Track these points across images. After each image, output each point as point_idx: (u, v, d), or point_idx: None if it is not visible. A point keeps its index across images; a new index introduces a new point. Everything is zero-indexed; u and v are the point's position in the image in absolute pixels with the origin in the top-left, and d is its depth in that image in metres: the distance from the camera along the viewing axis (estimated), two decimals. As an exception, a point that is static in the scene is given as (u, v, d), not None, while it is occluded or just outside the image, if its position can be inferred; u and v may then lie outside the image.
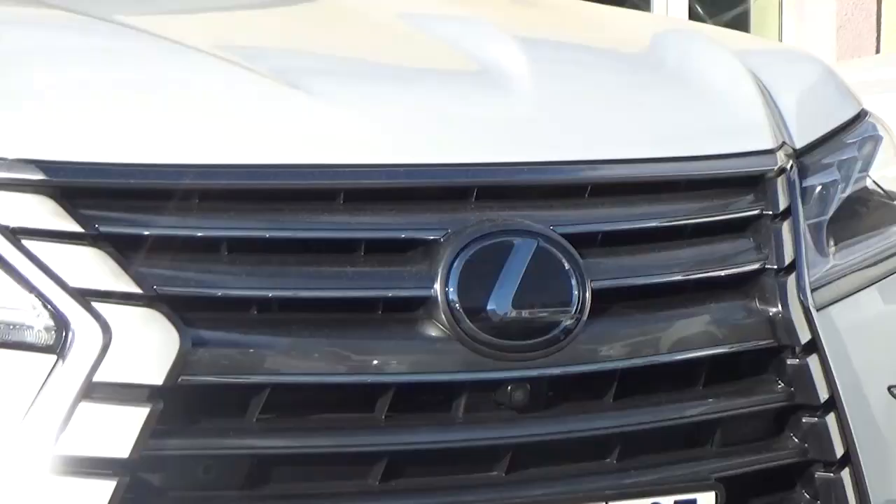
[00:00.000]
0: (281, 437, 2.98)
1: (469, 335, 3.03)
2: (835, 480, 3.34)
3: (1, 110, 2.97)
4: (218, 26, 3.80)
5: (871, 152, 3.70)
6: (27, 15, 3.55)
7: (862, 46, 9.33)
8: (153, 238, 2.94)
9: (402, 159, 3.15)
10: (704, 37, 4.12)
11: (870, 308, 3.53)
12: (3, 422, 2.81)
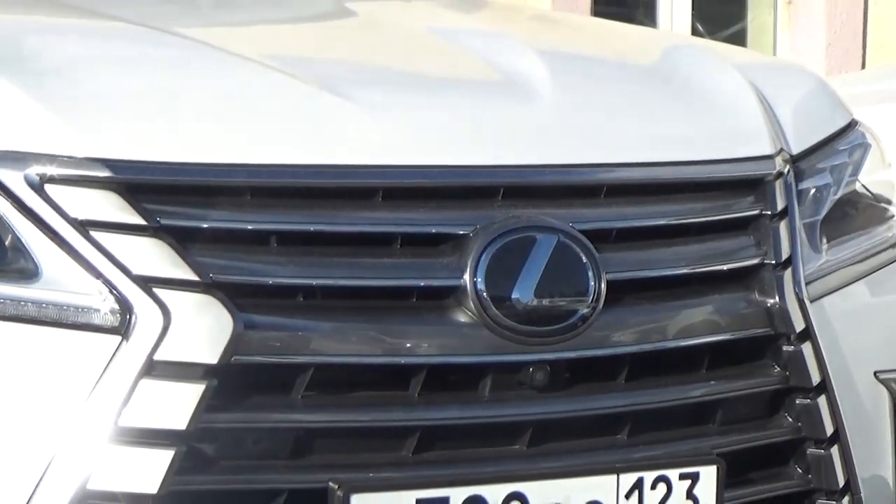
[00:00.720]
0: (323, 413, 2.98)
1: (495, 321, 3.02)
2: (825, 456, 3.33)
3: (71, 113, 2.96)
4: (266, 38, 3.81)
5: (861, 158, 3.69)
6: (95, 27, 3.55)
7: (849, 62, 9.33)
8: (209, 230, 2.93)
9: (435, 161, 3.14)
10: (710, 51, 4.12)
11: (858, 300, 3.53)
12: (73, 396, 2.81)
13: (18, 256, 2.86)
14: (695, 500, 3.15)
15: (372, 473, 2.96)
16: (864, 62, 9.52)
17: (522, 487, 3.01)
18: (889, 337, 3.59)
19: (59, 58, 3.21)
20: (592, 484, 3.08)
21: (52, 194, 2.87)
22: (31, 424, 2.82)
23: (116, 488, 2.80)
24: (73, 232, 2.85)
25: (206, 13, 3.95)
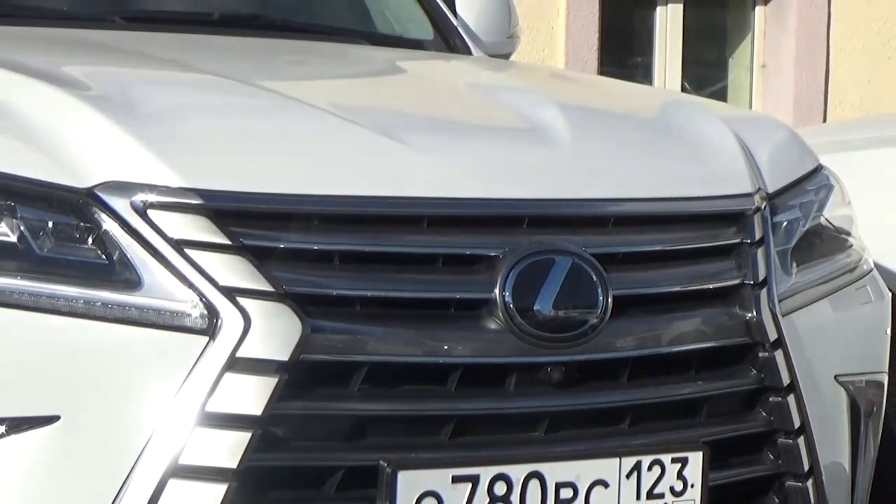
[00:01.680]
0: (375, 403, 2.98)
1: (519, 328, 3.02)
2: (793, 445, 3.33)
3: (169, 150, 2.98)
4: (332, 90, 3.81)
5: (825, 197, 3.70)
6: (189, 79, 3.58)
7: (813, 116, 9.30)
8: (283, 249, 2.94)
9: (472, 194, 3.15)
10: (699, 105, 4.14)
11: (822, 315, 3.52)
12: (168, 386, 2.83)
13: (124, 269, 2.87)
14: (684, 481, 3.15)
15: (415, 454, 2.96)
16: (826, 116, 9.48)
17: (540, 467, 3.02)
18: (847, 346, 3.60)
19: (160, 105, 3.22)
20: (599, 465, 3.08)
21: (153, 218, 2.88)
22: (133, 408, 2.82)
23: (203, 463, 2.81)
24: (170, 249, 2.87)
25: (281, 68, 3.96)
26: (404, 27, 4.70)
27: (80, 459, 2.81)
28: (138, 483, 2.80)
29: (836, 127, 6.09)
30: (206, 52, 3.95)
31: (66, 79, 3.24)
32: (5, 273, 2.83)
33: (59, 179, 2.92)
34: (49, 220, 2.90)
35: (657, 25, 9.74)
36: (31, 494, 2.81)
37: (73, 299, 2.84)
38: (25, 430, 2.79)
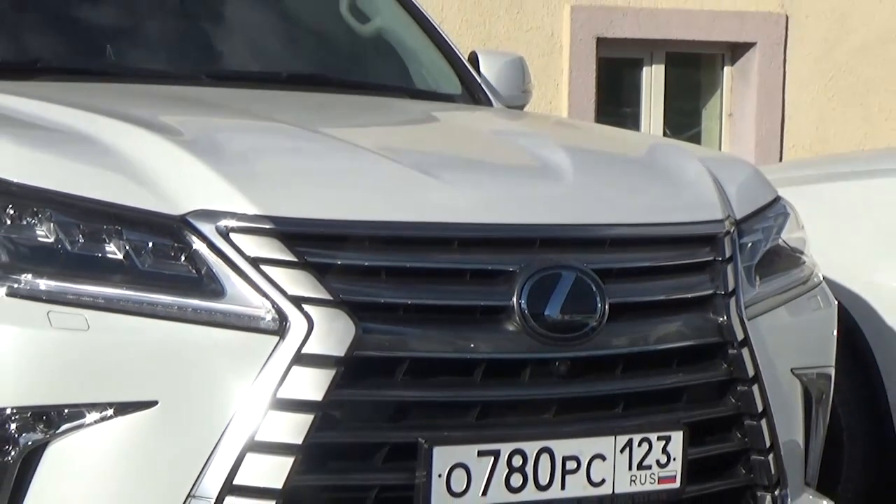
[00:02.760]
0: (415, 391, 2.98)
1: (532, 330, 3.02)
2: (757, 426, 3.32)
3: (247, 185, 2.98)
4: (378, 134, 3.83)
5: (783, 223, 3.69)
6: (262, 126, 3.59)
7: (771, 157, 9.29)
8: (339, 265, 2.94)
9: (493, 220, 3.15)
10: (679, 147, 4.13)
11: (780, 319, 3.50)
12: (246, 376, 2.83)
13: (211, 282, 2.88)
14: (668, 455, 3.14)
15: (447, 433, 2.96)
16: (781, 157, 9.46)
17: (550, 444, 3.01)
18: (801, 345, 3.58)
19: (239, 147, 3.24)
20: (597, 442, 3.07)
21: (234, 240, 2.89)
22: (217, 395, 2.83)
23: (275, 440, 2.82)
24: (248, 265, 2.88)
25: (337, 117, 3.96)
26: (437, 83, 4.70)
27: (174, 437, 2.82)
28: (221, 456, 2.81)
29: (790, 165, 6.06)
30: (277, 104, 3.96)
31: (162, 126, 3.25)
32: (114, 284, 2.85)
33: (158, 208, 2.93)
34: (149, 241, 2.91)
35: (643, 82, 9.72)
36: (132, 465, 2.81)
37: (169, 306, 2.85)
38: (129, 413, 2.80)
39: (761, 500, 3.36)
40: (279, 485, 2.81)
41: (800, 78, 9.72)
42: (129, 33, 4.43)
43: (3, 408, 2.77)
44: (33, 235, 2.89)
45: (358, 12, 4.89)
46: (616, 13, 9.28)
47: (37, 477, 2.79)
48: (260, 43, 4.70)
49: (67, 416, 2.79)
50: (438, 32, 4.85)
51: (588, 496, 3.07)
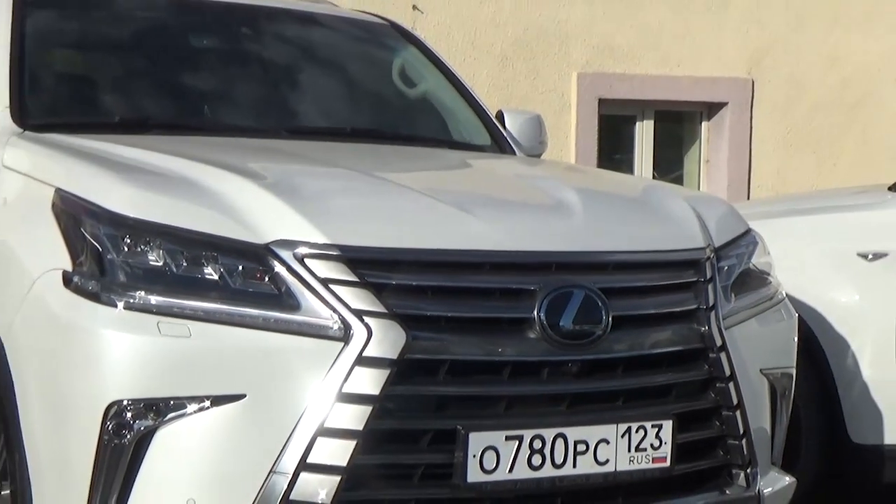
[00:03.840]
0: (454, 386, 2.97)
1: (550, 337, 3.01)
2: (732, 416, 3.30)
3: (318, 219, 2.98)
4: (422, 177, 3.82)
5: (753, 250, 3.66)
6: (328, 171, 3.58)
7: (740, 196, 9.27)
8: (393, 284, 2.94)
9: (517, 248, 3.13)
10: (668, 188, 4.12)
11: (751, 329, 3.47)
12: (317, 375, 2.83)
13: (289, 298, 2.88)
14: (660, 440, 3.12)
15: (480, 421, 2.96)
16: (749, 196, 9.43)
17: (564, 430, 3.01)
18: (768, 349, 3.55)
19: (311, 188, 3.23)
20: (603, 429, 3.06)
21: (307, 264, 2.90)
22: (294, 390, 2.83)
23: (340, 426, 2.82)
24: (319, 285, 2.88)
25: (389, 164, 3.96)
26: (471, 136, 4.70)
27: (259, 424, 2.82)
28: (297, 440, 2.81)
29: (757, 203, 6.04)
30: (341, 154, 3.96)
31: (250, 171, 3.25)
32: (210, 300, 2.86)
33: (246, 238, 2.94)
34: (239, 265, 2.92)
35: (636, 135, 9.70)
36: (225, 446, 2.82)
37: (255, 317, 2.86)
38: (223, 404, 2.81)
39: (736, 477, 3.34)
40: (344, 463, 2.81)
41: (763, 131, 9.68)
42: (221, 96, 4.46)
43: (121, 399, 2.79)
44: (146, 260, 2.91)
45: (406, 78, 4.90)
46: (614, 79, 9.27)
47: (147, 456, 2.81)
48: (328, 103, 4.72)
49: (173, 407, 2.81)
50: (471, 94, 4.85)
51: (595, 473, 3.06)
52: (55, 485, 2.90)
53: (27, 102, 3.87)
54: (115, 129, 3.89)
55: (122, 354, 2.80)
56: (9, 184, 3.45)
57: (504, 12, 9.02)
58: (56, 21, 4.34)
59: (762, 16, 9.67)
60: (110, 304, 2.84)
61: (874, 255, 4.66)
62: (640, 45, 9.37)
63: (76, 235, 2.98)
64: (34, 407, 2.95)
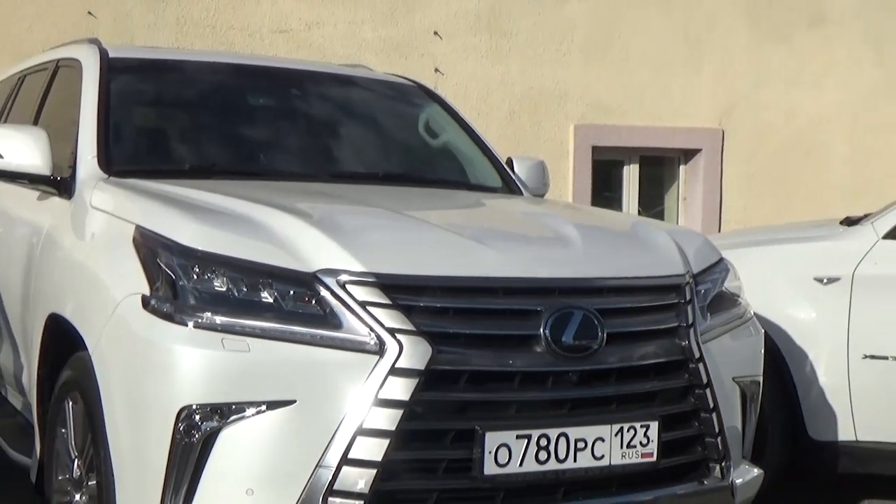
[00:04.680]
0: (472, 393, 2.95)
1: (553, 351, 3.00)
2: (709, 418, 3.28)
3: (357, 250, 2.97)
4: (445, 215, 3.77)
5: (725, 275, 3.64)
6: (365, 210, 3.56)
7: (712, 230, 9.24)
8: (420, 306, 2.93)
9: (525, 275, 3.11)
10: (652, 223, 4.09)
11: (725, 343, 3.43)
12: (355, 384, 2.83)
13: (333, 318, 2.88)
14: (648, 438, 3.10)
15: (494, 422, 2.95)
16: (720, 229, 9.41)
17: (566, 430, 3.00)
18: (739, 360, 3.51)
19: (351, 224, 3.20)
20: (599, 429, 3.05)
21: (348, 289, 2.90)
22: (337, 396, 2.83)
23: (376, 427, 2.81)
24: (358, 307, 2.88)
25: (416, 203, 3.93)
26: (485, 180, 4.69)
27: (307, 425, 2.82)
28: (339, 439, 2.81)
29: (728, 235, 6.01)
30: (375, 195, 3.94)
31: (298, 210, 3.24)
32: (266, 320, 2.87)
33: (296, 267, 2.94)
34: (290, 289, 2.92)
35: (624, 177, 9.68)
36: (278, 444, 2.82)
37: (304, 334, 2.86)
38: (276, 408, 2.81)
39: (713, 470, 3.31)
40: (379, 458, 2.81)
41: (732, 174, 9.67)
42: (274, 146, 4.47)
43: (191, 404, 2.80)
44: (211, 286, 2.92)
45: (430, 131, 4.91)
46: (605, 129, 9.27)
47: (213, 452, 2.81)
48: (363, 152, 4.72)
49: (234, 410, 2.81)
50: (485, 143, 4.86)
51: (592, 466, 3.04)
52: (134, 476, 2.90)
53: (111, 152, 3.89)
54: (185, 174, 3.89)
55: (191, 366, 2.81)
56: (96, 221, 3.47)
57: (511, 74, 9.05)
58: (135, 84, 4.36)
59: (730, 78, 9.68)
60: (182, 323, 2.85)
61: (828, 280, 4.65)
62: (627, 102, 9.38)
63: (153, 265, 2.99)
64: (117, 410, 2.96)
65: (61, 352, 3.41)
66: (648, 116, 9.45)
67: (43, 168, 3.84)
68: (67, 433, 3.33)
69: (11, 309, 4.14)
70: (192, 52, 6.10)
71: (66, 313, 3.34)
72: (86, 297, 3.24)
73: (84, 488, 3.23)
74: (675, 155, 9.77)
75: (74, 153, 3.90)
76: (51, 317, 3.49)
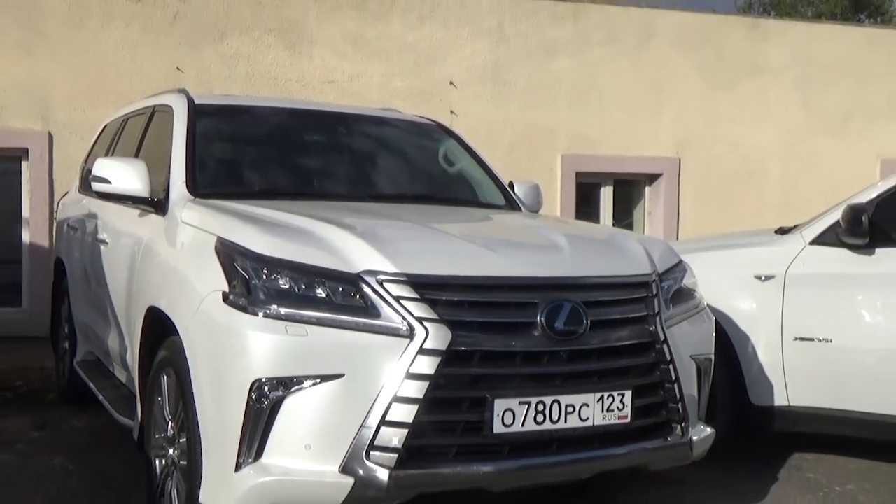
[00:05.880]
0: (484, 368, 2.93)
1: (548, 335, 2.99)
2: (672, 388, 3.25)
3: (391, 256, 2.96)
4: (458, 226, 3.71)
5: (684, 274, 3.60)
6: (395, 223, 3.52)
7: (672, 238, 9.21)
8: (443, 300, 2.92)
9: (525, 274, 3.09)
10: (625, 232, 4.02)
11: (684, 328, 3.40)
12: (390, 362, 2.82)
13: (373, 309, 2.87)
14: (623, 404, 3.09)
15: (501, 391, 2.92)
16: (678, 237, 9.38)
17: (558, 398, 2.98)
18: (695, 342, 3.46)
19: (386, 235, 3.18)
20: (584, 397, 3.03)
21: (385, 286, 2.89)
22: (376, 371, 2.81)
23: (408, 395, 2.80)
24: (393, 300, 2.87)
25: (437, 217, 3.86)
26: (492, 199, 4.66)
27: (352, 394, 2.80)
28: (378, 405, 2.80)
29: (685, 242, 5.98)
30: (405, 211, 3.90)
31: (344, 223, 3.22)
32: (320, 311, 2.86)
33: (343, 269, 2.93)
34: (339, 287, 2.91)
35: (601, 195, 9.66)
36: (329, 409, 2.80)
37: (350, 322, 2.85)
38: (328, 381, 2.81)
39: (674, 429, 3.29)
40: (410, 420, 2.80)
41: (686, 193, 9.64)
42: (325, 173, 4.44)
43: (261, 378, 2.79)
44: (277, 284, 2.91)
45: (448, 160, 4.89)
46: (586, 158, 9.26)
47: (278, 416, 2.80)
48: (395, 178, 4.70)
49: (295, 382, 2.80)
50: (491, 170, 4.84)
51: (579, 426, 3.03)
52: (216, 435, 2.90)
53: (197, 179, 3.89)
54: (254, 196, 3.88)
55: (261, 347, 2.80)
56: (185, 233, 3.47)
57: (511, 115, 9.05)
58: (215, 124, 4.36)
59: (685, 117, 9.66)
60: (254, 314, 2.85)
61: (766, 277, 4.62)
62: (603, 136, 9.37)
63: (231, 268, 2.99)
64: (203, 383, 2.96)
65: (158, 337, 3.41)
66: (620, 148, 9.43)
67: (143, 191, 3.86)
68: (163, 401, 3.33)
69: (118, 303, 4.15)
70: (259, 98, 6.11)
71: (162, 306, 3.34)
72: (177, 294, 3.25)
73: (176, 444, 3.24)
74: (642, 178, 9.75)
75: (167, 179, 3.90)
76: (149, 309, 3.49)
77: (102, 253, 4.48)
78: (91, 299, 4.78)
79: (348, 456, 2.78)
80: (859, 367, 4.36)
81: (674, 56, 9.59)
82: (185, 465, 3.08)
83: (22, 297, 8.06)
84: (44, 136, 7.86)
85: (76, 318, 5.28)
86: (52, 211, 7.70)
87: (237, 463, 2.81)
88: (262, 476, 2.79)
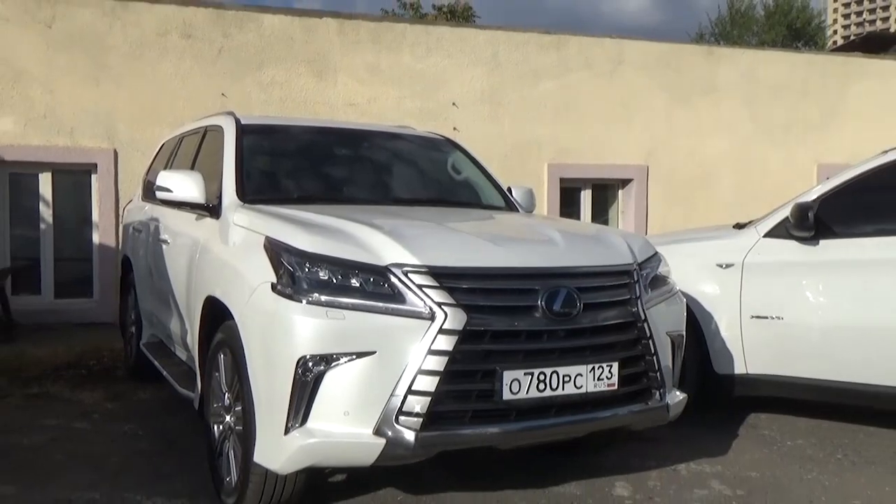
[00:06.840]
0: (494, 345, 2.90)
1: (547, 316, 2.96)
2: (652, 359, 3.20)
3: (414, 250, 2.93)
4: (466, 223, 3.68)
5: (659, 263, 3.58)
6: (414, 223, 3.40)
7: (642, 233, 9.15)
8: (461, 287, 2.89)
9: (527, 265, 3.07)
10: (607, 228, 4.00)
11: (661, 309, 3.36)
12: (414, 341, 2.80)
13: (399, 296, 2.85)
14: (611, 373, 3.07)
15: (509, 364, 2.91)
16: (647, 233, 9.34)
17: (557, 369, 2.96)
18: (670, 321, 3.39)
19: (408, 232, 3.15)
20: (578, 368, 3.01)
21: (409, 276, 2.87)
22: (403, 349, 2.79)
23: (430, 368, 2.77)
24: (416, 288, 2.85)
25: (448, 217, 3.83)
26: (493, 201, 4.64)
27: (384, 368, 2.79)
28: (406, 376, 2.78)
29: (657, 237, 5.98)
30: (422, 213, 3.86)
31: (372, 223, 3.20)
32: (355, 298, 2.84)
33: (374, 262, 2.91)
34: (370, 277, 2.89)
35: (581, 198, 9.62)
36: (365, 381, 2.78)
37: (380, 307, 2.83)
38: (363, 357, 2.79)
39: (654, 395, 3.27)
40: (432, 389, 2.79)
41: (654, 195, 9.61)
42: (353, 181, 4.42)
43: (305, 355, 2.78)
44: (318, 276, 2.89)
45: (455, 169, 4.86)
46: (568, 166, 9.22)
47: (321, 387, 2.79)
48: (411, 184, 4.67)
49: (335, 359, 2.78)
50: (492, 177, 4.82)
51: (575, 393, 3.01)
52: (267, 404, 2.89)
53: (245, 187, 3.88)
54: (294, 201, 3.86)
55: (306, 329, 2.78)
56: (236, 233, 3.46)
57: (505, 130, 9.02)
58: (259, 141, 4.34)
59: (651, 130, 9.63)
60: (298, 301, 2.83)
61: (726, 265, 4.61)
62: (584, 147, 9.33)
63: (278, 262, 2.97)
64: (255, 359, 2.94)
65: (215, 321, 3.40)
66: (597, 157, 9.40)
67: (200, 198, 3.85)
68: (220, 376, 3.32)
69: (178, 293, 4.14)
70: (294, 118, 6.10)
71: (218, 295, 3.33)
72: (232, 285, 3.23)
73: (232, 412, 3.23)
74: (616, 183, 9.72)
75: (220, 188, 3.88)
76: (207, 298, 3.48)
77: (164, 251, 4.47)
78: (155, 290, 4.77)
79: (380, 420, 2.77)
80: (806, 340, 4.35)
81: (641, 78, 9.56)
82: (241, 429, 3.07)
83: (93, 289, 8.07)
84: (110, 152, 7.86)
85: (142, 307, 5.27)
86: (118, 216, 7.71)
87: (286, 427, 2.80)
88: (307, 438, 2.78)
